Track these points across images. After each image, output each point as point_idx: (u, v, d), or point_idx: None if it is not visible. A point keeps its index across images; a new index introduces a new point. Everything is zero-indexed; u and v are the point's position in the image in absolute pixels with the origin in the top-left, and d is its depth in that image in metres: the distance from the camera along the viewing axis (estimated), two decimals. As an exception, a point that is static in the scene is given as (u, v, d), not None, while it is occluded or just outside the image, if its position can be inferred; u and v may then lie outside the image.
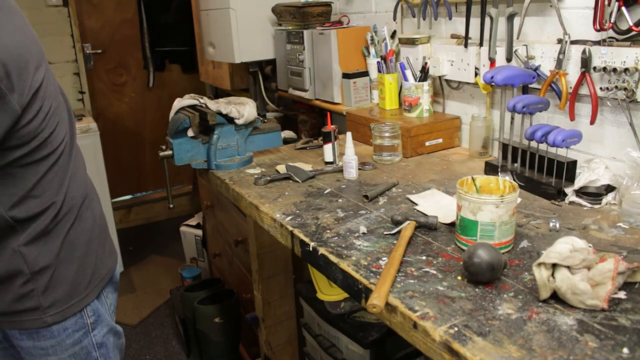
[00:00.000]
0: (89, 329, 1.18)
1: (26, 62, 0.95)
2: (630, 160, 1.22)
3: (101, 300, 1.20)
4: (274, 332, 2.05)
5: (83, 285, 1.14)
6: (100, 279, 1.19)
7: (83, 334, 1.17)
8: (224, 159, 1.68)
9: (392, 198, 1.37)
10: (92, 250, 1.17)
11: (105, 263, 1.22)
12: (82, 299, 1.15)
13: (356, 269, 1.02)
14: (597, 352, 0.74)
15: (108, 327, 1.23)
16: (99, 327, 1.20)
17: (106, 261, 1.22)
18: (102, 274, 1.20)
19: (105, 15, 3.90)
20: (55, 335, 1.13)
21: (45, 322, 1.10)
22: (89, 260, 1.16)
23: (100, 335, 1.21)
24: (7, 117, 0.91)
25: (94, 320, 1.18)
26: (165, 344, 2.81)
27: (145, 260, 3.71)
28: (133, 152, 4.22)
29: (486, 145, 1.65)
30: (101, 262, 1.20)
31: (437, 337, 0.81)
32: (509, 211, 1.02)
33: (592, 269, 0.87)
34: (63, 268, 1.10)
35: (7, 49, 0.90)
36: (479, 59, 1.62)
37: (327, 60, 2.04)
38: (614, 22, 1.22)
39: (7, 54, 0.89)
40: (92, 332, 1.18)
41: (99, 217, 1.21)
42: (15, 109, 0.92)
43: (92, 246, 1.17)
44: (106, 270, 1.22)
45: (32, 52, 0.97)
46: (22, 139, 0.97)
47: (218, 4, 2.22)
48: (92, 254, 1.17)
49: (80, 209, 1.14)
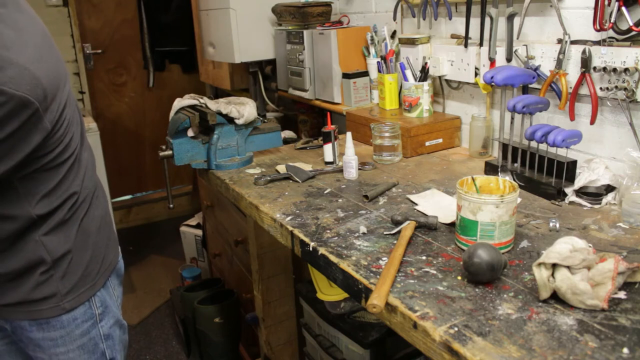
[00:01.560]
0: (97, 319, 1.20)
1: (58, 82, 1.00)
2: (630, 160, 1.22)
3: (108, 291, 1.24)
4: (274, 332, 2.05)
5: (94, 272, 1.19)
6: (107, 265, 1.23)
7: (91, 325, 1.19)
8: (224, 159, 1.68)
9: (392, 198, 1.37)
10: (103, 237, 1.22)
11: (112, 251, 1.26)
12: (94, 285, 1.18)
13: (356, 269, 1.02)
14: (597, 352, 0.74)
15: (115, 318, 1.26)
16: (106, 317, 1.23)
17: (112, 249, 1.27)
18: (109, 261, 1.24)
19: (105, 15, 3.90)
20: (65, 325, 1.15)
21: (64, 308, 1.13)
22: (100, 247, 1.21)
23: (107, 327, 1.23)
24: (39, 135, 0.97)
25: (102, 311, 1.21)
26: (165, 344, 2.81)
27: (145, 260, 3.71)
28: (133, 152, 4.21)
29: (486, 145, 1.65)
30: (108, 250, 1.24)
31: (437, 337, 0.81)
32: (509, 211, 1.02)
33: (592, 269, 0.87)
34: (79, 254, 1.15)
35: (47, 73, 0.95)
36: (479, 59, 1.62)
37: (327, 60, 2.04)
38: (614, 22, 1.22)
39: (47, 79, 0.95)
40: (100, 323, 1.21)
41: (106, 206, 1.27)
42: (47, 127, 0.97)
43: (102, 233, 1.22)
44: (111, 259, 1.26)
45: (62, 71, 1.03)
46: (48, 148, 1.01)
47: (218, 4, 2.22)
48: (103, 241, 1.22)
49: (92, 197, 1.19)
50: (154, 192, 4.38)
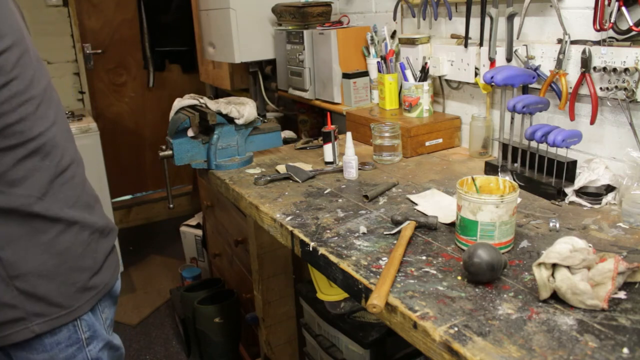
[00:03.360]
0: (84, 344, 1.11)
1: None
2: (630, 160, 1.22)
3: (96, 315, 1.14)
4: (274, 332, 2.05)
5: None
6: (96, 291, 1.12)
7: (77, 349, 1.11)
8: (224, 159, 1.68)
9: (392, 198, 1.37)
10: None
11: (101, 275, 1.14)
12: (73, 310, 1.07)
13: (356, 269, 1.02)
14: (597, 352, 0.74)
15: (104, 341, 1.16)
16: (94, 342, 1.13)
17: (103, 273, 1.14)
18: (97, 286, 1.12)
19: (105, 15, 3.90)
20: (47, 350, 1.06)
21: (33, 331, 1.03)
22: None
23: (96, 351, 1.14)
24: None
25: (89, 336, 1.12)
26: (165, 344, 2.81)
27: (145, 260, 3.71)
28: (133, 152, 4.21)
29: (486, 145, 1.65)
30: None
31: (437, 337, 0.81)
32: (509, 211, 1.02)
33: (592, 269, 0.87)
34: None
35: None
36: (479, 59, 1.62)
37: (327, 60, 2.04)
38: (614, 22, 1.22)
39: None
40: (87, 348, 1.12)
41: None
42: None
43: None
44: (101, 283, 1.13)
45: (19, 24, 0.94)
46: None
47: (218, 4, 2.22)
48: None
49: None
50: (154, 192, 4.38)
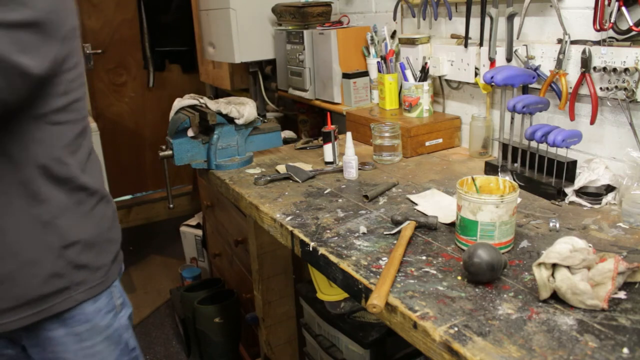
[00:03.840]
0: (117, 310, 1.18)
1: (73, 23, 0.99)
2: (630, 160, 1.22)
3: (120, 284, 1.22)
4: (274, 332, 2.05)
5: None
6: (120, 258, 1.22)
7: (113, 316, 1.17)
8: (224, 159, 1.68)
9: (392, 198, 1.37)
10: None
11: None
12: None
13: (356, 269, 1.02)
14: (597, 352, 0.74)
15: (130, 309, 1.24)
16: (124, 309, 1.21)
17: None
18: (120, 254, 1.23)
19: (105, 15, 3.90)
20: (90, 318, 1.11)
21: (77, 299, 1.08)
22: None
23: (125, 318, 1.21)
24: (56, 44, 0.95)
25: (121, 302, 1.19)
26: (165, 344, 2.81)
27: (145, 260, 3.71)
28: (133, 152, 4.21)
29: (486, 145, 1.65)
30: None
31: (437, 337, 0.81)
32: (509, 211, 1.02)
33: (592, 269, 0.87)
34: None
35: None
36: (479, 59, 1.62)
37: (327, 60, 2.04)
38: (614, 22, 1.22)
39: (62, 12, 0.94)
40: (120, 314, 1.19)
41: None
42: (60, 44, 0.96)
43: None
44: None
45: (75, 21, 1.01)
46: (60, 83, 0.99)
47: (218, 4, 2.22)
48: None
49: None
50: (154, 192, 4.38)
